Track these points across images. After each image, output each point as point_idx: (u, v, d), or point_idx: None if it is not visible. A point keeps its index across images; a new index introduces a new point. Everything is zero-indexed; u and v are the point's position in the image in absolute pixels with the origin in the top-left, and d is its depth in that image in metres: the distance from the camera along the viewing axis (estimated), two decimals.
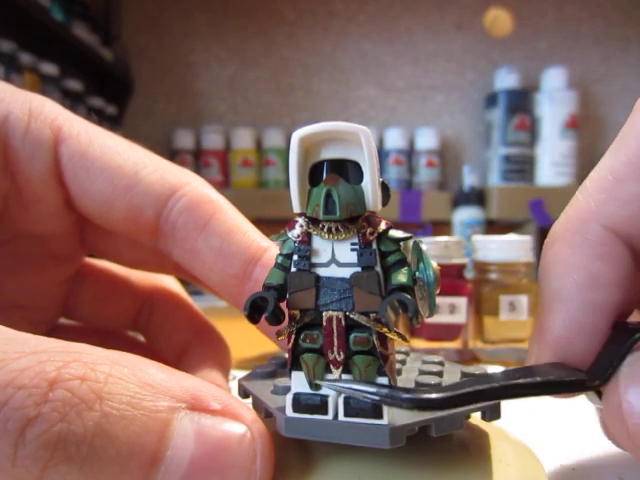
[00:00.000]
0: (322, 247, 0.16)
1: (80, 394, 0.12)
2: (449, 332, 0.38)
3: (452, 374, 0.20)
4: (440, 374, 0.20)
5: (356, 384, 0.14)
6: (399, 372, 0.20)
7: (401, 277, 0.15)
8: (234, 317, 0.26)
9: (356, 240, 0.16)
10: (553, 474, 0.19)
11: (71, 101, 1.13)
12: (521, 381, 0.15)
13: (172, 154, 1.38)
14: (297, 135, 0.16)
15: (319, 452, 0.17)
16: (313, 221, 0.16)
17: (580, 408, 0.27)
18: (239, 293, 0.23)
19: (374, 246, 0.15)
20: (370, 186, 0.15)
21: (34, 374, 0.12)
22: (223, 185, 1.38)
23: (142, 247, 0.25)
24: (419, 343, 0.38)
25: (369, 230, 0.16)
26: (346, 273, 0.16)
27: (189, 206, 0.22)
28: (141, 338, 0.29)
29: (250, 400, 0.18)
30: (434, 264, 0.15)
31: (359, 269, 0.15)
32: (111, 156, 0.22)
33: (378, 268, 0.15)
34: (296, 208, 0.16)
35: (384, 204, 0.16)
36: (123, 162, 0.22)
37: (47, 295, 0.26)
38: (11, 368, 0.12)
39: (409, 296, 0.14)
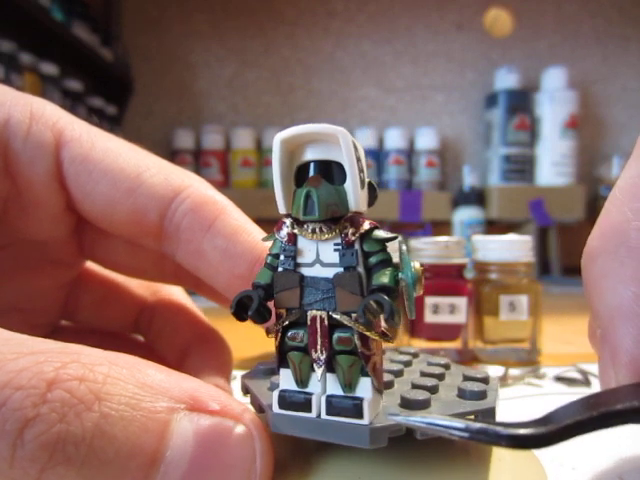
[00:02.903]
0: (307, 247, 0.16)
1: (79, 395, 0.12)
2: (449, 332, 0.38)
3: (454, 377, 0.20)
4: (441, 377, 0.20)
5: (442, 420, 0.13)
6: (400, 373, 0.20)
7: (383, 278, 0.15)
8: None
9: (339, 240, 0.16)
10: (553, 474, 0.19)
11: (71, 101, 1.13)
12: (620, 407, 0.14)
13: (172, 154, 1.38)
14: (278, 137, 0.16)
15: (319, 452, 0.17)
16: (298, 222, 0.16)
17: None
18: None
19: (356, 246, 0.16)
20: (351, 187, 0.16)
21: (32, 375, 0.12)
22: (223, 185, 1.38)
23: (142, 255, 0.25)
24: (419, 343, 0.38)
25: (351, 230, 0.16)
26: (330, 273, 0.16)
27: (193, 207, 0.22)
28: (141, 339, 0.29)
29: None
30: (416, 264, 0.15)
31: (342, 269, 0.15)
32: (113, 159, 0.22)
33: (360, 268, 0.15)
34: (281, 209, 0.16)
35: (370, 204, 0.16)
36: (125, 165, 0.22)
37: (46, 298, 0.26)
38: (9, 369, 0.12)
39: (386, 297, 0.14)
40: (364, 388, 0.15)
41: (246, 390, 0.19)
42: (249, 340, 0.31)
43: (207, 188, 0.23)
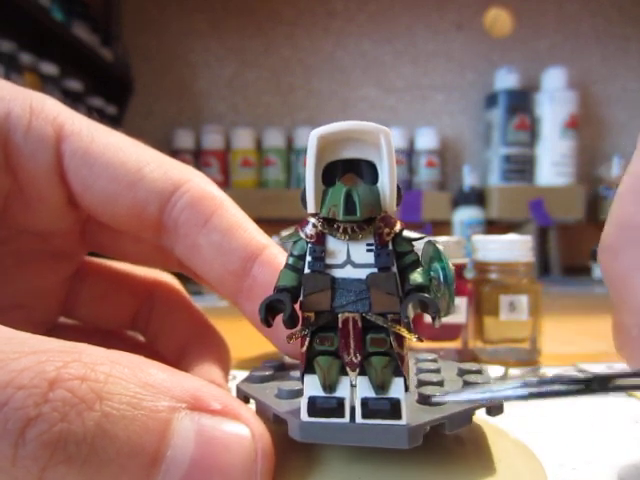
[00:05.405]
0: (337, 248, 0.16)
1: (80, 394, 0.12)
2: (449, 332, 0.38)
3: (449, 370, 0.20)
4: (438, 371, 0.20)
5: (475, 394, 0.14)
6: None
7: (418, 277, 0.15)
8: (234, 317, 0.26)
9: (371, 241, 0.15)
10: (553, 474, 0.19)
11: (71, 101, 1.13)
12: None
13: (172, 154, 1.37)
14: (316, 133, 0.15)
15: (319, 452, 0.17)
16: (328, 222, 0.16)
17: (580, 408, 0.27)
18: (237, 290, 0.23)
19: (390, 247, 0.15)
20: (388, 187, 0.15)
21: (34, 374, 0.12)
22: (223, 185, 1.37)
23: (146, 243, 0.25)
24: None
25: (386, 230, 0.15)
26: (362, 274, 0.15)
27: (191, 202, 0.22)
28: (141, 338, 0.29)
29: (249, 404, 0.18)
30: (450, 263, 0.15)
31: (375, 270, 0.15)
32: (114, 153, 0.22)
33: (394, 269, 0.15)
34: (311, 208, 0.16)
35: (397, 204, 0.16)
36: (126, 159, 0.22)
37: (48, 294, 0.26)
38: (11, 368, 0.12)
39: (429, 296, 0.14)
40: (397, 388, 0.15)
41: (245, 398, 0.19)
42: (249, 340, 0.31)
43: (207, 183, 0.23)
